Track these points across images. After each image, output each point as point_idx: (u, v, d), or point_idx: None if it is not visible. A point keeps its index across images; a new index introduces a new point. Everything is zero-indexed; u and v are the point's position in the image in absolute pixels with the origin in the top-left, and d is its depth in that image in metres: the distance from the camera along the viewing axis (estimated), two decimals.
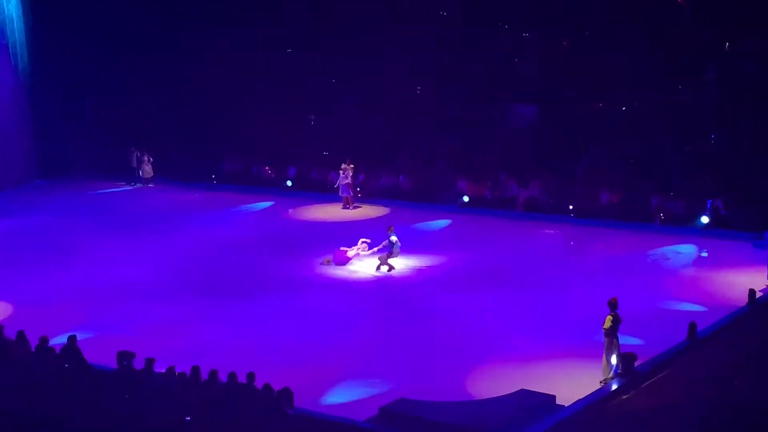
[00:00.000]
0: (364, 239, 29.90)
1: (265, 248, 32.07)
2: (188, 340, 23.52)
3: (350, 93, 42.74)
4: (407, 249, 29.54)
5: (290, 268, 29.56)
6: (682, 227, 32.77)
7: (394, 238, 28.79)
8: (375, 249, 29.22)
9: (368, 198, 39.18)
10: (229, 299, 26.81)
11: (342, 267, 29.17)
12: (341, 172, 37.92)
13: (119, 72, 44.68)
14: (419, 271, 28.72)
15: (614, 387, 19.58)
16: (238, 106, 44.35)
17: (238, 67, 44.21)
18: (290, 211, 38.62)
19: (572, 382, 20.24)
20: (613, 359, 20.01)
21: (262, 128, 43.46)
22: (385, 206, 38.00)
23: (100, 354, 20.97)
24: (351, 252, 29.58)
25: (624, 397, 19.22)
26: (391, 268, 28.68)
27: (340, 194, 38.14)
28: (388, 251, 28.74)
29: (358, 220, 36.21)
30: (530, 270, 28.89)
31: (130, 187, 43.55)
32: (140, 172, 43.41)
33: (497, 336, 23.40)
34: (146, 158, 43.15)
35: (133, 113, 44.78)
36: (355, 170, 38.47)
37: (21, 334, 20.64)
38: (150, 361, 18.88)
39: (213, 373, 18.23)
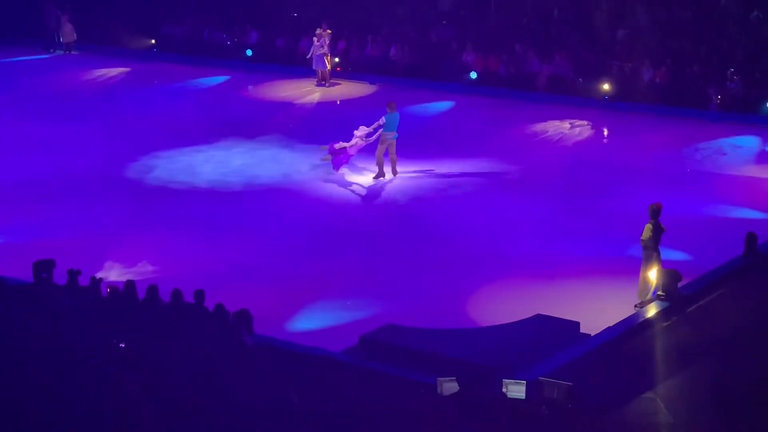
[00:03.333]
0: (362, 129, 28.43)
1: (218, 136, 32.00)
2: (121, 249, 23.60)
3: None
4: (398, 140, 29.49)
5: (250, 165, 29.59)
6: (743, 114, 32.83)
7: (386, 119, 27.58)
8: (371, 133, 28.08)
9: (350, 73, 39.04)
10: (171, 201, 26.89)
11: (338, 167, 28.04)
12: (315, 39, 37.67)
13: None
14: (414, 170, 28.73)
15: (652, 312, 19.80)
16: None
17: None
18: (250, 88, 38.52)
19: (600, 306, 20.46)
20: (652, 277, 20.23)
21: None
22: (371, 83, 37.95)
23: (11, 264, 21.17)
24: (350, 145, 28.10)
25: (664, 324, 19.45)
26: (380, 174, 27.94)
27: (313, 67, 37.97)
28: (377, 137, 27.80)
29: (337, 101, 36.13)
30: (552, 169, 29.00)
31: (48, 55, 43.31)
32: (59, 36, 43.10)
33: (508, 251, 23.56)
34: (66, 18, 42.76)
35: None
36: (333, 37, 38.26)
37: None
38: (74, 273, 19.00)
39: (152, 290, 18.31)
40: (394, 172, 28.09)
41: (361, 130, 28.15)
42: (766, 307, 19.64)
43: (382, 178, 27.91)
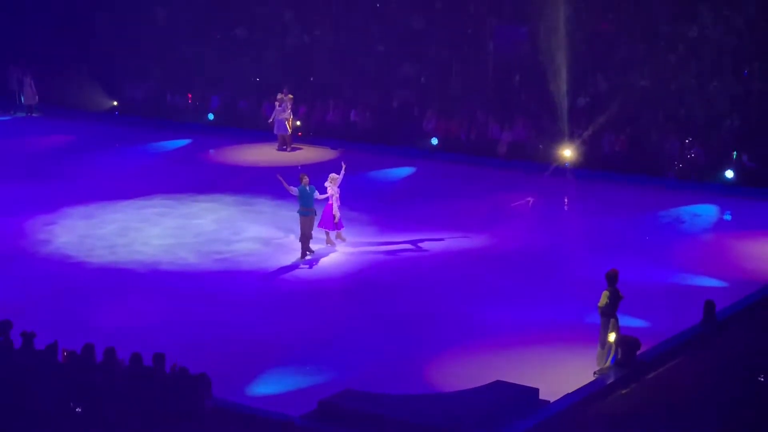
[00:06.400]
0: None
1: (178, 200, 31.95)
2: (80, 313, 23.49)
3: (289, 2, 42.61)
4: (358, 205, 29.55)
5: (210, 229, 29.49)
6: (702, 183, 33.13)
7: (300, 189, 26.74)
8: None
9: (311, 137, 39.16)
10: (128, 264, 26.74)
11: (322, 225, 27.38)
12: (277, 103, 37.81)
13: None
14: (374, 236, 28.79)
15: (611, 380, 19.86)
16: (145, 14, 43.94)
17: None
18: (211, 151, 38.53)
19: (560, 373, 20.50)
20: (611, 342, 20.29)
21: (176, 45, 43.14)
22: (332, 148, 38.00)
23: None
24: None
25: (623, 392, 19.52)
26: (305, 252, 27.01)
27: (275, 132, 38.06)
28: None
29: (298, 165, 36.18)
30: (512, 236, 29.07)
31: (10, 117, 43.20)
32: (21, 98, 43.06)
33: (468, 317, 23.57)
34: (29, 80, 42.76)
35: (10, 23, 44.28)
36: (294, 102, 38.40)
37: None
38: (29, 336, 18.85)
39: (110, 353, 18.22)
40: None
41: (331, 180, 27.37)
42: (725, 374, 19.76)
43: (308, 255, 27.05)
